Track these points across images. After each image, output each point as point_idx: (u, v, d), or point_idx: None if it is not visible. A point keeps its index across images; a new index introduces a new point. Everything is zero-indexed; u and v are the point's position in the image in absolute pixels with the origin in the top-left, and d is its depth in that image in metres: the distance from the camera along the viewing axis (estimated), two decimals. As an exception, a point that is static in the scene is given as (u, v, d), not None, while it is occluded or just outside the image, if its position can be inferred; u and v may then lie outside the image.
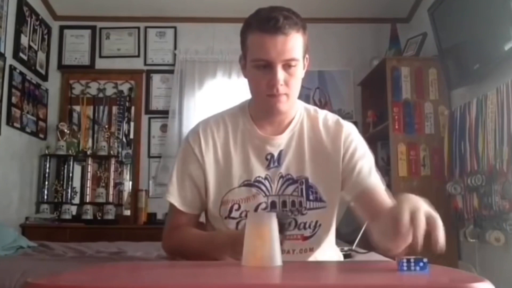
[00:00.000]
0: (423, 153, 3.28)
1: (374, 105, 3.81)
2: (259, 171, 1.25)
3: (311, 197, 1.25)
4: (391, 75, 3.38)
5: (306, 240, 1.26)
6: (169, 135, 3.99)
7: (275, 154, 1.26)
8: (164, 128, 4.07)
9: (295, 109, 1.31)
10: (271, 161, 1.26)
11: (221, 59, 4.03)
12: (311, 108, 1.35)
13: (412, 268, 0.79)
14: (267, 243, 0.90)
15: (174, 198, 1.28)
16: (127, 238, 3.15)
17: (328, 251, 1.34)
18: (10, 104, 3.31)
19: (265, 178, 1.25)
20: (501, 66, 2.61)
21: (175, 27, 4.18)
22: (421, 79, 3.37)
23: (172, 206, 1.30)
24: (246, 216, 1.23)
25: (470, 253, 3.02)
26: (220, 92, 4.01)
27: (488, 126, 2.68)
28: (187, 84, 4.03)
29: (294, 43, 1.17)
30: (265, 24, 1.16)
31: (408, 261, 0.79)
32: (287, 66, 1.17)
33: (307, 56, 1.26)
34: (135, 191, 3.94)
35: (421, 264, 0.80)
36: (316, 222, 1.26)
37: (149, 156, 4.07)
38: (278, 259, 0.90)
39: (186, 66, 4.07)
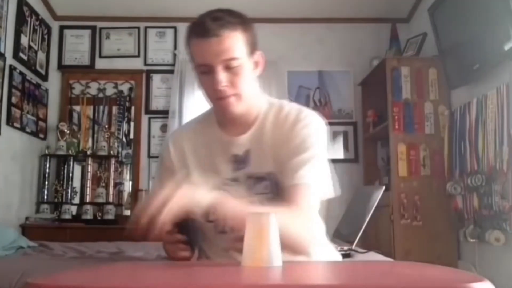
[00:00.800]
0: (423, 153, 3.28)
1: (374, 105, 3.81)
2: (227, 173, 1.25)
3: (280, 192, 1.22)
4: (391, 75, 3.38)
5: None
6: (169, 135, 3.99)
7: (241, 155, 1.25)
8: (164, 128, 4.07)
9: (257, 106, 1.28)
10: (237, 162, 1.25)
11: (221, 59, 4.03)
12: (276, 102, 1.31)
13: None
14: (266, 243, 0.90)
15: None
16: (127, 238, 3.15)
17: None
18: (10, 104, 3.31)
19: (233, 180, 1.24)
20: (501, 66, 2.61)
21: (175, 27, 4.18)
22: (421, 79, 3.37)
23: None
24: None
25: (470, 253, 3.02)
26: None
27: (488, 126, 2.68)
28: (187, 84, 4.03)
29: (230, 43, 1.15)
30: (196, 29, 1.17)
31: None
32: (228, 66, 1.16)
33: (258, 52, 1.24)
34: (135, 191, 3.94)
35: None
36: None
37: (149, 156, 4.07)
38: (277, 259, 0.90)
39: (186, 66, 4.07)
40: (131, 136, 4.09)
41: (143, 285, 0.76)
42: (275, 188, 1.23)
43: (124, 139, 4.06)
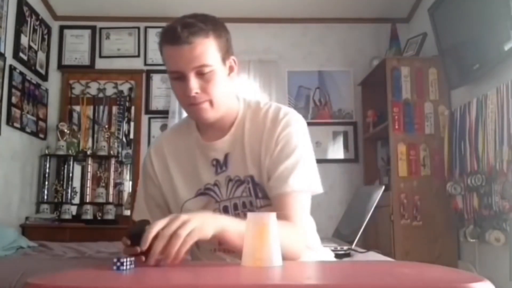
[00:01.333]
0: (423, 153, 3.28)
1: (374, 105, 3.81)
2: (208, 178, 1.25)
3: (260, 195, 1.22)
4: (391, 75, 3.38)
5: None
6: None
7: (221, 159, 1.25)
8: (164, 128, 4.06)
9: (234, 109, 1.26)
10: (218, 166, 1.25)
11: (221, 59, 4.03)
12: (254, 103, 1.30)
13: (122, 268, 0.85)
14: (266, 243, 0.90)
15: (137, 214, 1.35)
16: (127, 238, 3.14)
17: None
18: (10, 104, 3.31)
19: (214, 184, 1.24)
20: (501, 66, 2.61)
21: (175, 27, 4.17)
22: (421, 79, 3.37)
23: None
24: None
25: (470, 253, 3.02)
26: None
27: (488, 126, 2.68)
28: (187, 84, 4.03)
29: (202, 50, 1.14)
30: (167, 36, 1.16)
31: (119, 261, 0.85)
32: (200, 73, 1.15)
33: (232, 58, 1.23)
34: (135, 191, 3.93)
35: (129, 264, 0.86)
36: None
37: (149, 156, 4.06)
38: (277, 259, 0.91)
39: (186, 66, 4.07)
40: (131, 136, 4.09)
41: (143, 285, 0.76)
42: (254, 191, 1.22)
43: (124, 139, 4.06)
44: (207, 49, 1.15)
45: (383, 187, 2.43)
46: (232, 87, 1.25)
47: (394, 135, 3.31)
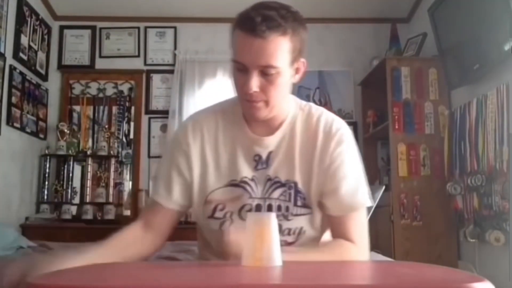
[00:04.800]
0: (423, 153, 3.28)
1: (374, 105, 3.81)
2: (246, 171, 1.20)
3: (299, 203, 1.19)
4: (391, 75, 3.38)
5: (288, 246, 1.21)
6: (169, 135, 3.99)
7: (264, 156, 1.20)
8: (164, 128, 4.07)
9: (285, 110, 1.22)
10: (259, 163, 1.20)
11: (221, 59, 4.02)
12: (305, 105, 1.25)
13: None
14: (267, 243, 0.90)
15: (157, 193, 1.24)
16: (127, 238, 3.14)
17: None
18: (10, 104, 3.31)
19: (252, 179, 1.20)
20: (501, 66, 2.61)
21: (175, 27, 4.18)
22: (421, 79, 3.37)
23: (151, 200, 1.27)
24: (230, 216, 1.20)
25: (470, 253, 3.02)
26: (220, 92, 4.01)
27: (488, 126, 2.68)
28: (187, 84, 4.03)
29: (274, 48, 1.06)
30: (243, 23, 1.07)
31: None
32: (264, 73, 1.09)
33: (302, 60, 1.16)
34: (135, 191, 3.94)
35: None
36: (301, 228, 1.21)
37: (149, 156, 4.07)
38: (278, 259, 0.90)
39: (186, 66, 4.07)
40: (131, 136, 4.09)
41: (143, 285, 0.76)
42: (294, 197, 1.19)
43: (124, 139, 4.06)
44: (279, 49, 1.07)
45: (384, 187, 2.43)
46: (290, 87, 1.20)
47: (394, 135, 3.31)
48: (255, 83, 1.09)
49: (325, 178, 1.18)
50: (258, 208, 1.20)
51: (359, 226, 1.19)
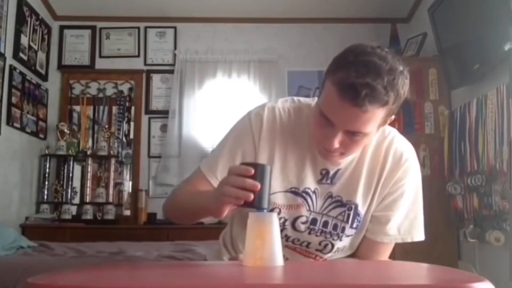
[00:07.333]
0: (423, 153, 3.28)
1: (374, 105, 3.80)
2: (310, 183, 1.16)
3: (354, 225, 1.18)
4: (391, 75, 3.37)
5: (318, 259, 1.22)
6: (169, 135, 3.99)
7: (331, 172, 1.17)
8: (164, 128, 4.07)
9: None
10: (325, 177, 1.17)
11: (221, 59, 4.03)
12: (380, 129, 1.15)
13: None
14: (267, 243, 0.90)
15: (209, 167, 1.17)
16: (127, 238, 3.15)
17: None
18: (10, 104, 3.31)
19: (314, 192, 1.17)
20: (501, 66, 2.61)
21: (175, 27, 4.18)
22: (421, 79, 3.36)
23: (201, 174, 1.18)
24: (283, 223, 1.17)
25: (470, 253, 3.02)
26: (220, 92, 4.01)
27: (488, 126, 2.68)
28: (187, 84, 4.03)
29: (368, 118, 1.00)
30: (343, 89, 0.98)
31: None
32: (351, 134, 1.03)
33: (392, 117, 1.10)
34: (135, 191, 3.94)
35: None
36: (344, 247, 1.22)
37: (149, 156, 4.07)
38: (278, 259, 0.90)
39: (186, 66, 4.07)
40: (131, 136, 4.09)
41: (143, 285, 0.76)
42: (352, 219, 1.17)
43: (124, 139, 4.06)
44: (373, 119, 1.01)
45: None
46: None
47: (394, 135, 3.31)
48: (337, 140, 1.04)
49: (381, 204, 1.19)
50: (313, 222, 1.18)
51: (387, 254, 1.24)
